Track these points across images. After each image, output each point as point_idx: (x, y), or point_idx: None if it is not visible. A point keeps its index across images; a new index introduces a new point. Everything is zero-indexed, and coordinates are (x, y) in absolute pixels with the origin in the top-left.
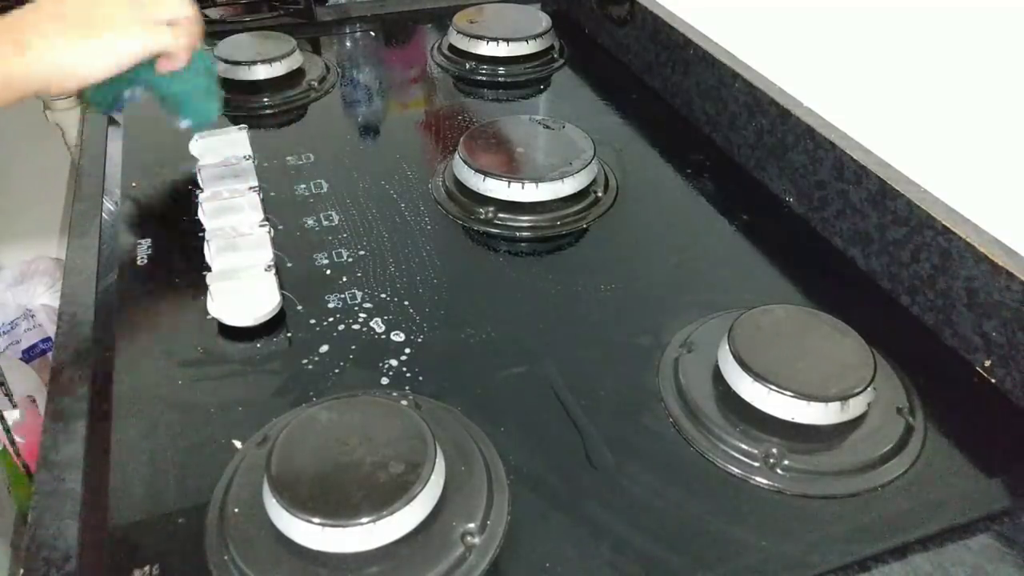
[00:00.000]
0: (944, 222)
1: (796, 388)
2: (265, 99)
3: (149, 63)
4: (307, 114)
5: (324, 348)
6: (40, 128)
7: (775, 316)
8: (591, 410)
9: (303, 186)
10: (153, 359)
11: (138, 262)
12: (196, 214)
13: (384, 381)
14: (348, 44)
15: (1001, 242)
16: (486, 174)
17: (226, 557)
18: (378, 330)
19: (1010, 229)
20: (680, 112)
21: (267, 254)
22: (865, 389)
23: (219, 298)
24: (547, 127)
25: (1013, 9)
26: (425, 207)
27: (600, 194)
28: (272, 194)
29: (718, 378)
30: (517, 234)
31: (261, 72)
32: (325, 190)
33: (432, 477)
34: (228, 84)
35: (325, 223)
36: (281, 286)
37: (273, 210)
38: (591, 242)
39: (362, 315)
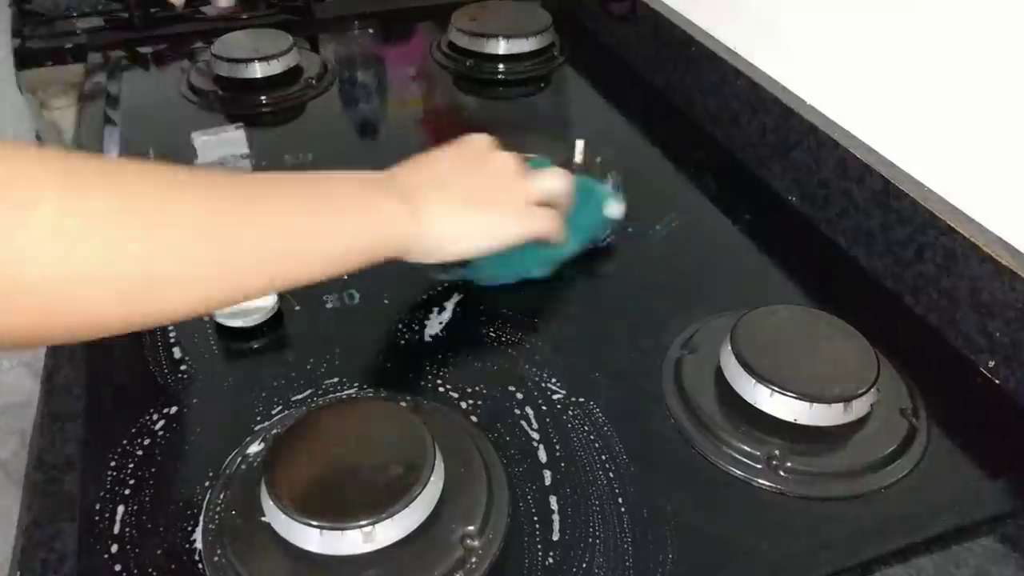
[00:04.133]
0: (948, 222)
1: (799, 389)
2: (262, 97)
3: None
4: (305, 112)
5: (323, 348)
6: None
7: (778, 317)
8: (592, 412)
9: None
10: (150, 359)
11: None
12: None
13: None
14: (346, 41)
15: (1005, 242)
16: None
17: (224, 561)
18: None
19: (1015, 229)
20: (681, 110)
21: None
22: (868, 390)
23: None
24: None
25: (1019, 7)
26: None
27: None
28: None
29: (720, 379)
30: None
31: (258, 70)
32: None
33: (431, 479)
34: (226, 82)
35: None
36: None
37: None
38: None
39: (360, 315)
